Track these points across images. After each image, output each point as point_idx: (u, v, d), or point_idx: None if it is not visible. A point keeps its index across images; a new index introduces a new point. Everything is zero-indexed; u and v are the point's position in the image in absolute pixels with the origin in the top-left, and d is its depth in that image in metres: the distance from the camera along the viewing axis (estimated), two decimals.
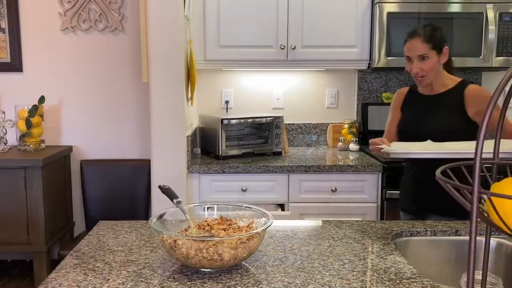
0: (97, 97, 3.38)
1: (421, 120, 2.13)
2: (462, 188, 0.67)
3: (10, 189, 2.95)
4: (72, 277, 1.23)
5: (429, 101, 2.15)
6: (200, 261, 1.19)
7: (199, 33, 2.98)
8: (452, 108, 2.07)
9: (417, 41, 2.06)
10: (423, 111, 2.15)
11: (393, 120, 2.26)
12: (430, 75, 2.08)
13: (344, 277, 1.22)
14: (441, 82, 2.12)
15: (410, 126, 2.18)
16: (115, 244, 1.46)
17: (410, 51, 2.08)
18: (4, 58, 3.32)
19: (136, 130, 3.41)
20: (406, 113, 2.23)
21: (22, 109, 3.15)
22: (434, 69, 2.07)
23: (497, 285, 1.08)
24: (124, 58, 3.35)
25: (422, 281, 1.20)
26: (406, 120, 2.21)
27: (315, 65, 3.09)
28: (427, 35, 2.05)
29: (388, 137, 2.20)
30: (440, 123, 2.07)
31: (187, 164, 2.75)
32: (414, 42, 2.06)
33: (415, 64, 2.06)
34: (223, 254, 1.18)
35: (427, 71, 2.06)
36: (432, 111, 2.12)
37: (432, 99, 2.15)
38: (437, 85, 2.12)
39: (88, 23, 3.30)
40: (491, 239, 1.36)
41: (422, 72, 2.06)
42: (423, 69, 2.06)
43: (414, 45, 2.06)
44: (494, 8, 2.89)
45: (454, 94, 2.09)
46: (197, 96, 3.25)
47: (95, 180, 3.31)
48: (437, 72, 2.08)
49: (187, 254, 1.19)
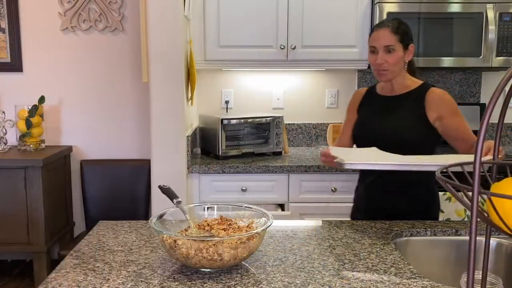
0: (97, 97, 3.38)
1: (378, 122, 2.02)
2: (462, 188, 0.67)
3: (10, 189, 2.95)
4: (72, 277, 1.23)
5: (388, 102, 2.04)
6: (200, 261, 1.19)
7: (199, 33, 2.98)
8: (412, 111, 1.96)
9: (385, 30, 1.95)
10: (381, 112, 2.04)
11: (349, 121, 2.15)
12: (394, 69, 1.95)
13: (344, 277, 1.22)
14: (402, 82, 2.01)
15: (366, 127, 2.06)
16: (115, 244, 1.46)
17: (377, 41, 1.96)
18: (4, 58, 3.32)
19: (136, 130, 3.41)
20: (363, 114, 2.11)
21: (22, 109, 3.16)
22: (398, 64, 1.95)
23: (497, 285, 1.08)
24: (124, 58, 3.35)
25: (422, 281, 1.20)
26: (363, 121, 2.09)
27: (315, 65, 3.09)
28: (395, 26, 1.95)
29: (342, 139, 2.13)
30: (398, 126, 1.97)
31: (187, 164, 2.75)
32: (382, 32, 1.95)
33: (380, 55, 1.93)
34: (223, 254, 1.18)
35: (391, 64, 1.94)
36: (391, 113, 2.01)
37: (391, 100, 2.04)
38: (398, 85, 2.01)
39: (88, 23, 3.30)
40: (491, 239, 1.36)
41: (387, 64, 1.94)
42: (388, 62, 1.94)
43: (381, 34, 1.94)
44: (494, 8, 2.89)
45: (415, 96, 1.99)
46: (197, 96, 3.25)
47: (95, 180, 3.31)
48: (400, 69, 1.97)
49: (187, 254, 1.18)
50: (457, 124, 1.95)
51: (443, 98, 1.97)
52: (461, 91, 3.39)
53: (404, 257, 1.37)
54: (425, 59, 2.94)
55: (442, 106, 1.94)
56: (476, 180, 0.62)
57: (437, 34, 2.92)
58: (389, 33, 1.94)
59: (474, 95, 3.40)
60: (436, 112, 1.93)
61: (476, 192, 0.62)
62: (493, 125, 3.31)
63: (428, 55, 2.94)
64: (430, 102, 1.95)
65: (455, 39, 2.92)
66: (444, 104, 1.95)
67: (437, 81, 3.38)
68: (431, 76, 3.37)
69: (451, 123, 1.94)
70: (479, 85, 3.39)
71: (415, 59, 2.09)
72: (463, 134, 1.94)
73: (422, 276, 1.23)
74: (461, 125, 1.96)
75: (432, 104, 1.94)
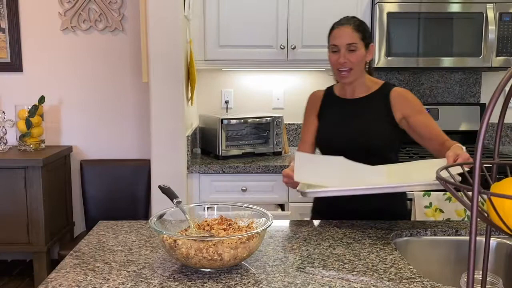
0: (97, 97, 3.38)
1: (344, 127, 1.90)
2: (462, 188, 0.67)
3: (10, 189, 2.95)
4: (72, 277, 1.23)
5: (352, 105, 1.92)
6: (200, 261, 1.19)
7: (199, 33, 2.98)
8: (378, 114, 1.87)
9: (347, 28, 1.84)
10: (346, 117, 1.92)
11: (310, 127, 1.99)
12: (356, 70, 1.84)
13: (344, 277, 1.22)
14: (363, 84, 1.91)
15: (331, 134, 1.93)
16: (115, 244, 1.46)
17: (339, 39, 1.83)
18: (4, 58, 3.32)
19: (136, 130, 3.41)
20: (326, 120, 1.97)
21: (22, 109, 3.16)
22: (360, 64, 1.85)
23: (497, 285, 1.08)
24: (124, 58, 3.35)
25: (422, 281, 1.20)
26: (327, 128, 1.95)
27: (315, 65, 3.09)
28: (357, 24, 1.85)
29: (303, 148, 1.97)
30: (366, 130, 1.86)
31: (187, 164, 2.75)
32: (344, 29, 1.84)
33: (342, 54, 1.81)
34: (223, 254, 1.18)
35: (354, 63, 1.82)
36: (357, 117, 1.90)
37: (355, 103, 1.92)
38: (359, 87, 1.91)
39: (88, 23, 3.30)
40: (491, 239, 1.36)
41: (349, 64, 1.82)
42: (351, 61, 1.82)
43: (344, 32, 1.83)
44: (494, 8, 2.89)
45: (379, 97, 1.89)
46: (197, 96, 3.25)
47: (95, 180, 3.31)
48: (362, 70, 1.87)
49: (187, 254, 1.18)
50: (426, 121, 1.86)
51: (406, 97, 1.89)
52: (461, 91, 3.39)
53: (404, 257, 1.37)
54: (425, 59, 2.95)
55: (406, 105, 1.86)
56: (476, 180, 0.62)
57: (437, 34, 2.92)
58: (351, 30, 1.83)
59: (474, 95, 3.40)
60: (401, 112, 1.85)
61: (476, 192, 0.62)
62: (493, 125, 3.31)
63: (428, 55, 2.94)
64: (394, 103, 1.86)
65: (455, 39, 2.92)
66: (408, 103, 1.87)
67: (437, 81, 3.38)
68: (431, 76, 3.38)
69: (419, 121, 1.84)
70: (479, 85, 3.39)
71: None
72: (433, 131, 1.84)
73: (422, 276, 1.23)
74: (430, 122, 1.86)
75: (397, 104, 1.86)
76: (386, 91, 1.89)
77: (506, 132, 3.45)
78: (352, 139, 1.86)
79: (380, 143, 1.86)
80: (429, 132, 1.83)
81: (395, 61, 2.94)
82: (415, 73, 3.36)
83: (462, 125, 3.30)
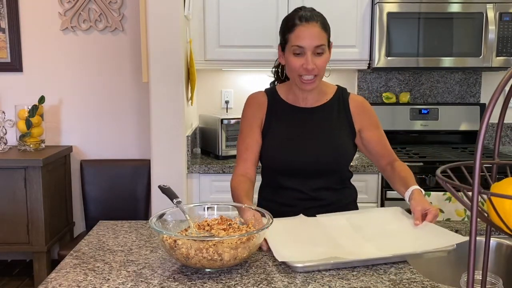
0: (97, 97, 3.38)
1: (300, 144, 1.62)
2: (462, 188, 0.67)
3: (10, 189, 2.96)
4: (72, 277, 1.23)
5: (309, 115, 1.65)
6: (200, 261, 1.19)
7: (199, 33, 2.98)
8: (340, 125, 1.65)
9: (315, 27, 1.53)
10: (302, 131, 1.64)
11: (252, 144, 1.65)
12: (322, 76, 1.60)
13: (344, 277, 1.22)
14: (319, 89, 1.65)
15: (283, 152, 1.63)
16: (115, 244, 1.46)
17: (305, 40, 1.52)
18: (4, 58, 3.32)
19: (136, 130, 3.41)
20: (275, 134, 1.65)
21: (22, 109, 3.16)
22: (325, 68, 1.59)
23: (497, 285, 1.08)
24: (124, 58, 3.35)
25: (422, 281, 1.20)
26: (276, 144, 1.64)
27: None
28: (323, 22, 1.56)
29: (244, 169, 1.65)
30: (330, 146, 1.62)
31: (187, 164, 2.75)
32: (312, 28, 1.52)
33: (309, 58, 1.52)
34: (223, 254, 1.18)
35: (322, 69, 1.56)
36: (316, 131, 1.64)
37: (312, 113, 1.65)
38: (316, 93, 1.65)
39: (88, 23, 3.30)
40: (491, 239, 1.36)
41: (317, 70, 1.55)
42: (318, 67, 1.54)
43: (312, 32, 1.52)
44: (494, 8, 2.89)
45: (339, 106, 1.66)
46: (197, 96, 3.25)
47: (95, 180, 3.31)
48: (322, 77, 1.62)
49: (187, 254, 1.18)
50: (380, 137, 1.69)
51: (365, 107, 1.69)
52: (461, 91, 3.39)
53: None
54: (425, 59, 2.95)
55: (364, 117, 1.67)
56: (476, 180, 0.62)
57: (437, 34, 2.92)
58: (320, 30, 1.54)
59: (474, 95, 3.40)
60: (359, 123, 1.66)
61: (476, 192, 0.62)
62: (493, 125, 3.31)
63: (428, 55, 2.94)
64: (354, 112, 1.66)
65: (455, 39, 2.92)
66: (366, 114, 1.68)
67: (437, 81, 3.38)
68: (431, 76, 3.38)
69: (374, 136, 1.67)
70: (479, 85, 3.39)
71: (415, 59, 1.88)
72: (385, 148, 1.69)
73: (422, 276, 1.23)
74: (383, 139, 1.69)
75: (356, 115, 1.66)
76: (343, 98, 1.68)
77: (506, 132, 3.45)
78: (312, 157, 1.61)
79: (345, 160, 1.68)
80: (381, 149, 1.68)
81: (395, 61, 2.94)
82: (415, 73, 3.37)
83: (462, 125, 3.31)
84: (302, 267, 1.23)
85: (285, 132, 1.66)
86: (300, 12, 1.57)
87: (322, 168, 1.63)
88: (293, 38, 1.55)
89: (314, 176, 1.64)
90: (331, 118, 1.66)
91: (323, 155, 1.62)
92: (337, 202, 1.69)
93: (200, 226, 1.36)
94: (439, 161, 2.83)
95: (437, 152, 3.05)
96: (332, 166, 1.64)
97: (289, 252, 1.28)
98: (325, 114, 1.66)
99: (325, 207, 1.65)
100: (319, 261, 1.24)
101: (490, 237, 0.77)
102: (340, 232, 1.42)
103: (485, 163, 0.74)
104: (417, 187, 1.53)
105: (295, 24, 1.55)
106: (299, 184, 1.65)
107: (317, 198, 1.66)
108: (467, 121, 3.31)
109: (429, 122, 3.29)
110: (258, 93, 1.74)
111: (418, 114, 3.29)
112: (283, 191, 1.68)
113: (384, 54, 2.94)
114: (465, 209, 2.56)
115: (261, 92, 1.74)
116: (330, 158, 1.63)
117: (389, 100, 3.33)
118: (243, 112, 1.74)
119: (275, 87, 1.76)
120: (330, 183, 1.67)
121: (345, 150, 1.66)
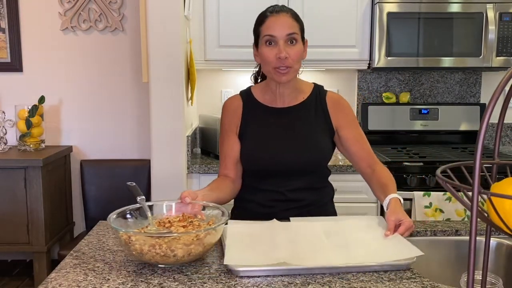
0: (97, 97, 3.38)
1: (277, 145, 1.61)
2: (462, 188, 0.67)
3: (10, 189, 2.96)
4: (72, 277, 1.23)
5: (285, 115, 1.63)
6: (153, 257, 1.21)
7: (199, 33, 2.98)
8: (318, 125, 1.62)
9: (286, 16, 1.55)
10: (278, 132, 1.62)
11: (231, 149, 1.65)
12: (296, 67, 1.57)
13: (344, 277, 1.22)
14: (295, 87, 1.63)
15: (260, 154, 1.61)
16: (115, 244, 1.46)
17: (277, 28, 1.53)
18: (4, 58, 3.32)
19: (136, 130, 3.41)
20: (251, 136, 1.64)
21: (22, 109, 3.16)
22: (299, 61, 1.57)
23: (497, 285, 1.08)
24: (124, 58, 3.35)
25: (422, 281, 1.20)
26: (253, 146, 1.63)
27: (315, 65, 3.09)
28: (294, 13, 1.59)
29: (226, 171, 1.66)
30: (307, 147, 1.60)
31: (187, 164, 2.75)
32: (283, 18, 1.54)
33: (282, 47, 1.52)
34: (175, 251, 1.20)
35: (295, 60, 1.54)
36: (293, 131, 1.61)
37: (288, 113, 1.63)
38: (292, 91, 1.63)
39: (88, 23, 3.30)
40: (491, 239, 1.36)
41: (290, 60, 1.52)
42: (292, 57, 1.52)
43: (282, 21, 1.53)
44: (494, 8, 2.89)
45: (316, 104, 1.64)
46: (197, 96, 3.25)
47: (95, 180, 3.31)
48: (298, 71, 1.61)
49: (141, 250, 1.21)
50: (358, 136, 1.64)
51: (343, 104, 1.66)
52: (461, 91, 3.39)
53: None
54: (425, 59, 2.95)
55: (342, 114, 1.64)
56: (476, 180, 0.62)
57: (437, 34, 2.92)
58: (291, 19, 1.55)
59: (474, 95, 3.40)
60: (336, 120, 1.63)
61: (476, 192, 0.62)
62: (493, 125, 3.31)
63: (428, 55, 2.94)
64: (331, 110, 1.64)
65: (455, 39, 2.92)
66: (343, 112, 1.65)
67: (437, 81, 3.38)
68: (431, 76, 3.38)
69: (351, 135, 1.63)
70: (479, 85, 3.39)
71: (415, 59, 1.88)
72: (363, 149, 1.64)
73: (422, 276, 1.23)
74: (362, 139, 1.64)
75: (332, 112, 1.64)
76: (321, 96, 1.66)
77: (506, 132, 3.45)
78: (289, 158, 1.59)
79: (323, 160, 1.65)
80: (358, 150, 1.64)
81: (395, 61, 2.94)
82: (415, 73, 3.37)
83: (462, 125, 3.31)
84: (243, 271, 1.19)
85: (261, 133, 1.65)
86: (271, 7, 1.62)
87: (300, 168, 1.61)
88: (264, 29, 1.56)
89: (292, 176, 1.61)
90: (308, 117, 1.64)
91: (300, 155, 1.61)
92: (316, 203, 1.67)
93: (160, 223, 1.38)
94: (439, 161, 2.82)
95: (437, 152, 3.05)
96: (310, 166, 1.62)
97: (240, 256, 1.24)
98: (302, 113, 1.64)
99: (305, 207, 1.64)
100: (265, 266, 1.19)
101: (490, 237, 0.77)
102: (307, 238, 1.36)
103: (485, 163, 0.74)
104: (396, 195, 1.48)
105: (265, 16, 1.58)
106: (276, 185, 1.63)
107: (295, 199, 1.64)
108: (467, 121, 3.31)
109: (429, 122, 3.29)
110: (233, 97, 1.73)
111: (418, 114, 3.29)
112: (261, 192, 1.66)
113: (384, 54, 2.94)
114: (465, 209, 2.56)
115: (236, 96, 1.73)
116: (308, 158, 1.61)
117: (389, 100, 3.33)
118: (220, 119, 1.75)
119: (250, 88, 1.74)
120: (309, 183, 1.65)
121: (323, 149, 1.64)
